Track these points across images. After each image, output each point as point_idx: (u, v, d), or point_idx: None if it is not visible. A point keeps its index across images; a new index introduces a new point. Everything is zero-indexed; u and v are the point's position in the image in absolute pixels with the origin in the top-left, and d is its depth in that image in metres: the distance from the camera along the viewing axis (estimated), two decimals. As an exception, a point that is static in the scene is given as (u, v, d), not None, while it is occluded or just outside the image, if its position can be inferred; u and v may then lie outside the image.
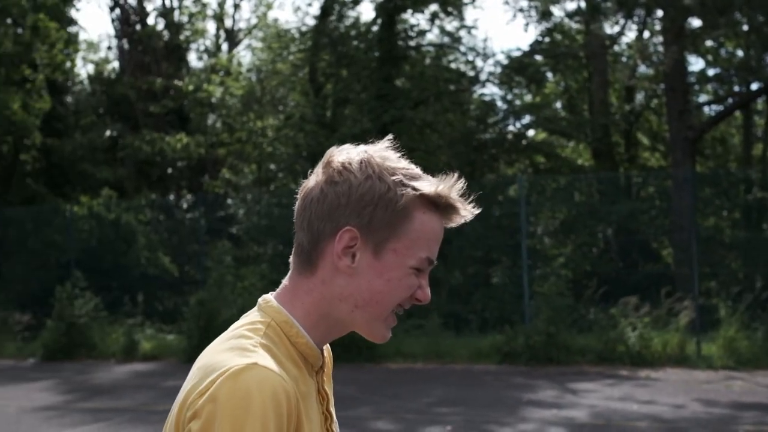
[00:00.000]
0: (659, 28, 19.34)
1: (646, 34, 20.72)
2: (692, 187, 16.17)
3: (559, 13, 22.05)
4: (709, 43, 21.25)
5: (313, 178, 1.57)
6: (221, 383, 1.36)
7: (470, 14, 53.59)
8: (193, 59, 31.33)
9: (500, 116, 23.08)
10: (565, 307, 14.49)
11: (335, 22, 23.27)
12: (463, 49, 23.97)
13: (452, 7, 22.46)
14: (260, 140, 24.00)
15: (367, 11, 65.26)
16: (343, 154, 1.55)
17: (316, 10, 29.22)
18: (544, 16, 21.82)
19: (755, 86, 20.54)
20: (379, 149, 1.56)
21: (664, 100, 21.26)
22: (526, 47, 26.73)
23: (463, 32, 23.81)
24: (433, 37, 23.70)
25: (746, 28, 17.86)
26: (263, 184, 24.46)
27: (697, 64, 42.06)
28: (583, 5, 20.73)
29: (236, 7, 36.32)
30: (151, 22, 27.79)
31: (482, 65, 25.01)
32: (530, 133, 24.58)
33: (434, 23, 23.06)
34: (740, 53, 21.70)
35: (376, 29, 22.05)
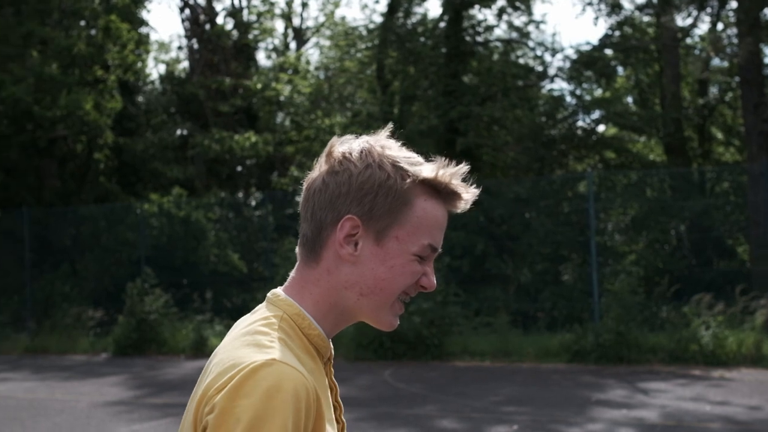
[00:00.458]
0: (733, 19, 18.87)
1: (719, 25, 20.25)
2: (768, 181, 15.75)
3: (629, 6, 21.71)
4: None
5: (316, 169, 1.59)
6: (240, 379, 1.36)
7: (538, 9, 53.18)
8: (261, 58, 31.64)
9: (569, 111, 22.78)
10: (636, 305, 14.23)
11: (402, 18, 23.25)
12: (531, 44, 23.78)
13: (520, 1, 22.28)
14: (328, 138, 23.98)
15: (434, 7, 65.04)
16: (344, 144, 1.57)
17: (383, 7, 29.29)
18: (614, 9, 21.46)
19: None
20: (380, 139, 1.58)
21: (738, 93, 20.75)
22: (595, 41, 26.32)
23: (531, 27, 23.64)
24: (500, 32, 23.54)
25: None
26: (331, 181, 24.51)
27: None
28: (654, -2, 20.34)
29: (304, 5, 36.44)
30: (220, 21, 28.09)
31: (551, 60, 24.78)
32: (600, 128, 24.23)
33: (502, 18, 22.90)
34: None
35: (443, 25, 21.97)
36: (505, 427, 9.13)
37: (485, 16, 22.69)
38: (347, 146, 1.56)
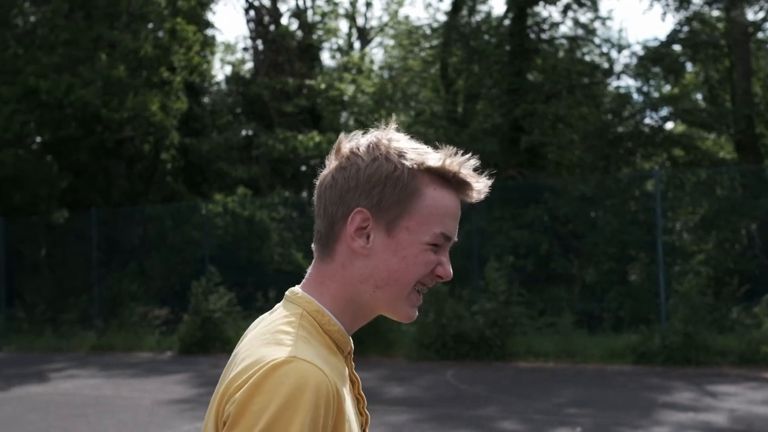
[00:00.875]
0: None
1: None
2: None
3: (698, 0, 21.21)
4: None
5: (327, 166, 1.60)
6: (260, 376, 1.36)
7: (605, 5, 52.34)
8: (325, 58, 31.76)
9: (636, 109, 22.39)
10: (704, 305, 13.90)
11: (466, 17, 23.14)
12: (597, 40, 23.43)
13: (585, -2, 21.98)
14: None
15: (498, 5, 64.67)
16: (352, 140, 1.58)
17: (447, 5, 29.19)
18: (682, 4, 21.04)
19: None
20: (388, 132, 1.58)
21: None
22: (663, 37, 25.82)
23: (597, 23, 23.30)
24: (566, 29, 23.24)
25: None
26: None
27: None
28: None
29: (368, 5, 36.57)
30: (284, 22, 28.27)
31: (617, 57, 24.40)
32: (668, 125, 23.75)
33: (567, 15, 22.62)
34: None
35: (507, 23, 21.79)
36: (567, 429, 8.98)
37: (550, 13, 22.45)
38: (355, 142, 1.57)
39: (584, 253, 17.08)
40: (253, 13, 27.98)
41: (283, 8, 33.96)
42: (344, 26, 40.91)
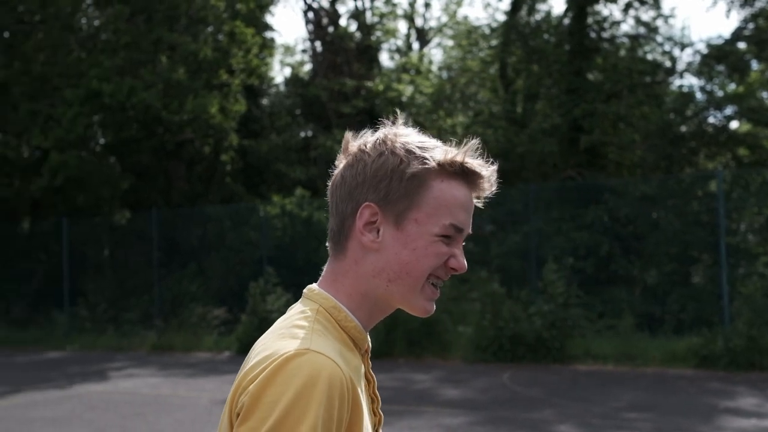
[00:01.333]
0: None
1: None
2: None
3: (764, -4, 20.76)
4: None
5: (337, 166, 1.63)
6: (274, 368, 1.37)
7: (667, 2, 51.58)
8: (384, 59, 31.70)
9: (699, 108, 21.97)
10: (769, 308, 13.56)
11: (526, 16, 22.97)
12: (659, 38, 23.07)
13: (648, -4, 21.66)
14: (449, 138, 23.91)
15: (558, 4, 64.12)
16: (360, 139, 1.61)
17: (506, 5, 28.97)
18: (747, 1, 20.59)
19: None
20: (395, 128, 1.59)
21: None
22: (727, 34, 25.32)
23: (659, 21, 22.95)
24: (627, 27, 22.94)
25: None
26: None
27: None
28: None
29: (427, 5, 36.50)
30: (343, 23, 28.34)
31: (680, 55, 23.95)
32: (733, 124, 23.25)
33: (628, 13, 22.32)
34: None
35: (567, 22, 21.57)
36: (625, 434, 8.81)
37: (611, 11, 22.16)
38: (363, 139, 1.60)
39: (645, 254, 16.80)
40: (311, 14, 28.10)
41: (341, 10, 34.08)
42: (403, 27, 40.92)
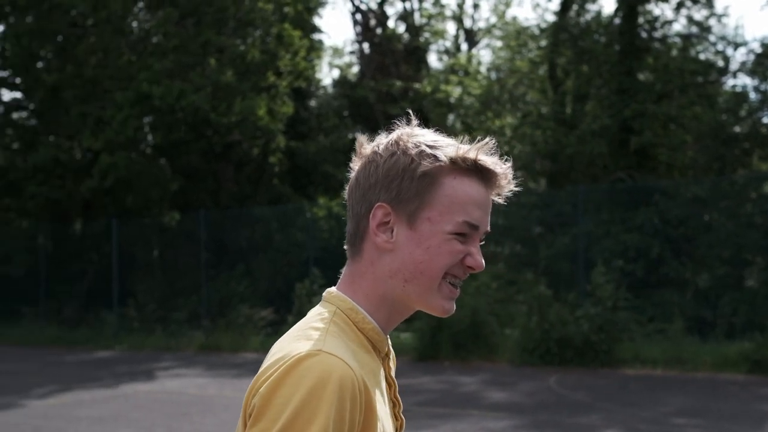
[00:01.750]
0: None
1: None
2: None
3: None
4: None
5: (352, 169, 1.63)
6: (284, 369, 1.37)
7: (720, 1, 50.81)
8: (432, 60, 31.68)
9: (753, 108, 21.56)
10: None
11: (575, 17, 22.74)
12: (712, 38, 22.69)
13: (700, -5, 21.32)
14: (497, 139, 23.77)
15: (608, 4, 63.51)
16: (373, 141, 1.61)
17: (555, 5, 28.73)
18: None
19: None
20: (409, 128, 1.59)
21: None
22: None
23: (712, 21, 22.60)
24: (679, 27, 22.61)
25: None
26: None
27: None
28: None
29: (475, 6, 36.39)
30: (391, 25, 28.31)
31: (733, 54, 23.56)
32: (789, 125, 22.80)
33: (680, 12, 21.99)
34: None
35: (617, 22, 21.31)
36: (673, 440, 8.64)
37: (662, 10, 21.86)
38: (375, 142, 1.60)
39: (697, 257, 16.51)
40: (360, 16, 28.13)
41: (390, 11, 34.06)
42: (451, 28, 40.84)
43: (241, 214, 21.93)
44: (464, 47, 30.82)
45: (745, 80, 32.31)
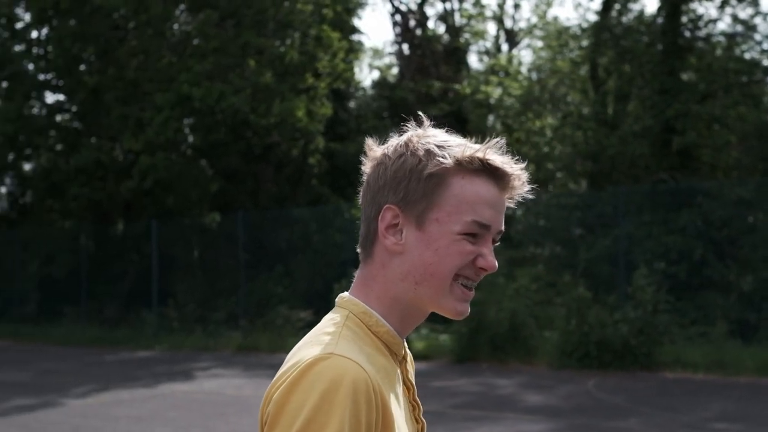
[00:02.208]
0: None
1: None
2: None
3: None
4: None
5: (365, 171, 1.62)
6: (297, 374, 1.37)
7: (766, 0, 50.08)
8: (473, 61, 31.54)
9: (799, 108, 21.19)
10: None
11: (617, 16, 22.52)
12: (757, 37, 22.33)
13: (746, -7, 21.00)
14: (538, 140, 23.66)
15: (651, 3, 62.86)
16: (384, 144, 1.59)
17: (597, 5, 28.46)
18: None
19: None
20: (421, 130, 1.57)
21: None
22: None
23: (758, 19, 22.25)
24: (723, 26, 22.29)
25: None
26: (541, 184, 24.05)
27: None
28: None
29: (516, 6, 36.18)
30: (431, 26, 28.24)
31: (779, 53, 23.11)
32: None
33: (724, 11, 21.68)
34: None
35: (660, 21, 21.05)
36: (713, 445, 8.47)
37: (706, 9, 21.56)
38: (386, 145, 1.59)
39: (741, 259, 16.24)
40: (399, 17, 28.09)
41: (429, 12, 34.00)
42: (492, 29, 40.61)
43: (280, 215, 21.98)
44: (505, 48, 30.66)
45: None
